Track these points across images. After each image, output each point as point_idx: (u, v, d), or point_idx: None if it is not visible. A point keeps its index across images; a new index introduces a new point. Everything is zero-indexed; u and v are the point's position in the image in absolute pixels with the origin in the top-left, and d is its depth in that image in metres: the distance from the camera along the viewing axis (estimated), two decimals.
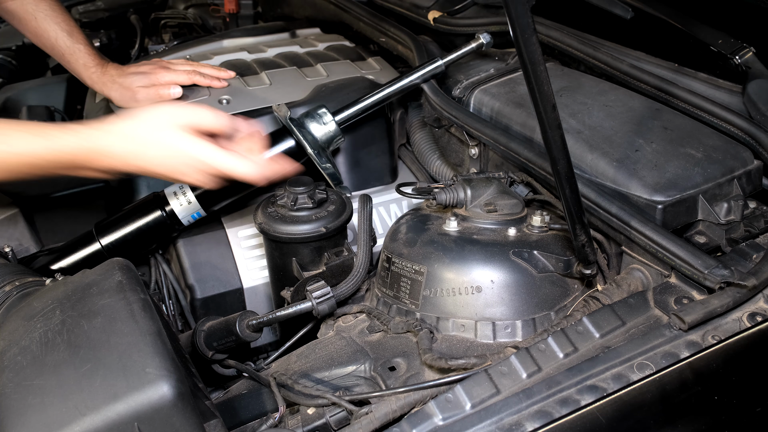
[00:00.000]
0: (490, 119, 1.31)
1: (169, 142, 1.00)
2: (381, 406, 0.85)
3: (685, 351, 0.81)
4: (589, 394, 0.78)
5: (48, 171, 0.99)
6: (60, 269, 1.29)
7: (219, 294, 1.32)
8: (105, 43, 2.25)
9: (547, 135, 0.75)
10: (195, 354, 1.08)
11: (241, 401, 1.02)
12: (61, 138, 0.98)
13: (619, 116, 1.17)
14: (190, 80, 1.48)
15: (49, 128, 0.98)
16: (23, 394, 0.70)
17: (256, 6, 2.56)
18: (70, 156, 0.98)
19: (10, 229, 1.35)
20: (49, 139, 0.97)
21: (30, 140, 0.97)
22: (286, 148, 1.28)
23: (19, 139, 0.96)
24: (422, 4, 1.73)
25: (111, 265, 0.87)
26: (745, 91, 1.17)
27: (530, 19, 0.66)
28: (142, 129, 1.00)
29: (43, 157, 0.97)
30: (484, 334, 0.96)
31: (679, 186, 1.01)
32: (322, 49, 1.77)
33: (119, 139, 1.00)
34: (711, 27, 1.31)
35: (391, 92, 1.34)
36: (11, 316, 0.85)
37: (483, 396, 0.79)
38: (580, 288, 1.02)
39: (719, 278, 0.86)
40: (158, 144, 1.00)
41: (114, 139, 1.00)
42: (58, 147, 0.97)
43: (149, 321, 0.77)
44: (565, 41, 1.38)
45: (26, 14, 1.47)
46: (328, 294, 1.03)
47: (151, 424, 0.69)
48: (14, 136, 0.96)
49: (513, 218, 1.06)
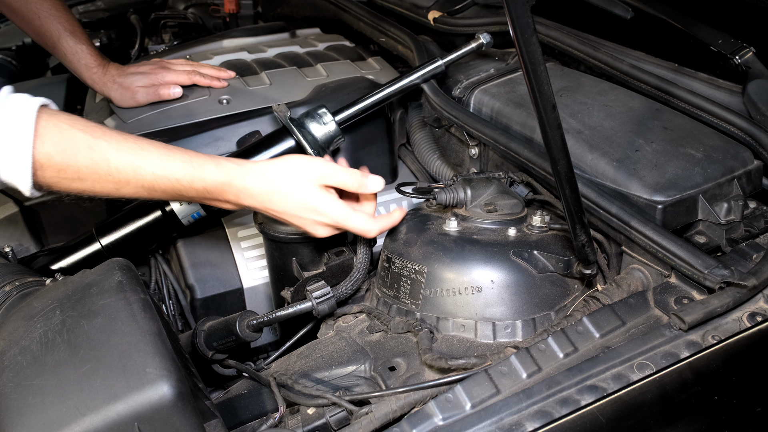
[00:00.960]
0: (490, 119, 1.31)
1: (304, 195, 1.02)
2: (381, 406, 0.85)
3: (685, 351, 0.81)
4: (589, 394, 0.78)
5: (179, 195, 1.00)
6: (60, 269, 1.29)
7: (219, 294, 1.32)
8: (105, 43, 2.25)
9: (547, 135, 0.75)
10: (195, 354, 1.08)
11: (241, 401, 1.02)
12: (204, 167, 0.98)
13: (619, 116, 1.17)
14: (190, 80, 1.48)
15: (192, 155, 0.99)
16: (23, 394, 0.70)
17: (256, 6, 2.56)
18: (208, 185, 0.99)
19: (10, 229, 1.35)
20: (192, 166, 0.97)
21: (172, 163, 0.96)
22: (286, 148, 1.28)
23: (162, 160, 0.96)
24: (422, 4, 1.73)
25: (111, 265, 0.87)
26: (745, 91, 1.17)
27: (530, 19, 0.66)
28: (281, 176, 1.01)
29: (179, 181, 0.97)
30: (484, 334, 0.96)
31: (679, 186, 1.01)
32: (322, 49, 1.77)
33: (258, 180, 1.01)
34: (711, 27, 1.31)
35: (391, 92, 1.34)
36: (11, 316, 0.85)
37: (483, 396, 0.79)
38: (580, 288, 1.02)
39: (719, 278, 0.86)
40: (293, 194, 1.01)
41: (254, 179, 1.01)
42: (199, 175, 0.97)
43: (149, 321, 0.77)
44: (565, 41, 1.38)
45: (30, 13, 1.47)
46: (328, 294, 1.03)
47: (151, 424, 0.69)
48: (156, 155, 0.96)
49: (513, 218, 1.06)
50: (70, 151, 0.90)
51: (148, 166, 0.95)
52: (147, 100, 1.46)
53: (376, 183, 1.08)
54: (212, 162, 1.00)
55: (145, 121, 1.41)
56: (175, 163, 0.97)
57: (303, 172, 1.02)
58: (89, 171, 0.92)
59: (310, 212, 1.03)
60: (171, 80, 1.46)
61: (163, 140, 1.35)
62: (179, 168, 0.97)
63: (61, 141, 0.90)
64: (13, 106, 0.90)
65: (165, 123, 1.39)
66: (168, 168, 0.96)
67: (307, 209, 1.03)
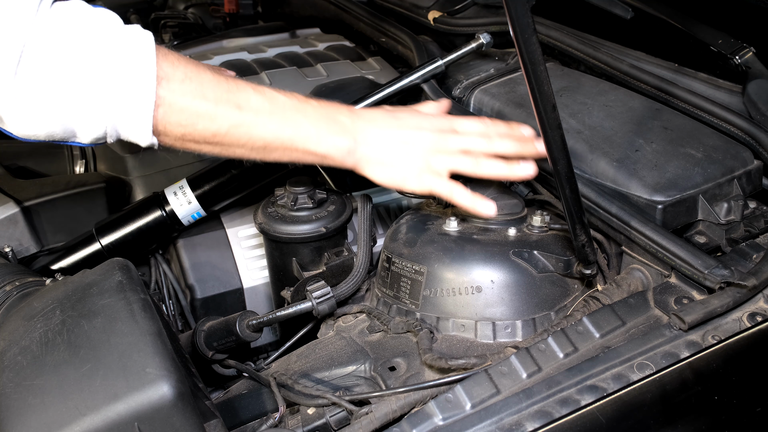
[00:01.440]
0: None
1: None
2: (381, 406, 0.85)
3: (685, 351, 0.81)
4: (589, 394, 0.78)
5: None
6: (60, 269, 1.29)
7: (219, 294, 1.32)
8: None
9: (547, 135, 0.75)
10: (195, 354, 1.08)
11: (241, 401, 1.02)
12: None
13: (619, 116, 1.17)
14: None
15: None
16: (23, 394, 0.70)
17: (256, 6, 2.56)
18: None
19: (10, 229, 1.35)
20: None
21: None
22: None
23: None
24: (422, 4, 1.73)
25: (111, 265, 0.87)
26: (745, 91, 1.17)
27: (530, 19, 0.66)
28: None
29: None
30: (484, 334, 0.96)
31: (679, 186, 1.01)
32: (322, 49, 1.77)
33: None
34: (711, 27, 1.31)
35: (391, 92, 1.34)
36: (11, 316, 0.85)
37: (483, 396, 0.79)
38: (580, 288, 1.02)
39: (719, 278, 0.86)
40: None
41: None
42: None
43: (149, 321, 0.77)
44: (565, 41, 1.38)
45: None
46: (328, 294, 1.03)
47: (151, 424, 0.69)
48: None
49: (513, 218, 1.06)
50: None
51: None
52: None
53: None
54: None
55: None
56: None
57: None
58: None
59: (439, 120, 1.01)
60: None
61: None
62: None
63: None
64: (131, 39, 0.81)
65: None
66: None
67: (425, 118, 1.01)
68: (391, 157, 0.98)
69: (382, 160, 0.99)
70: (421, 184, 0.99)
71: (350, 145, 0.97)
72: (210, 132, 0.87)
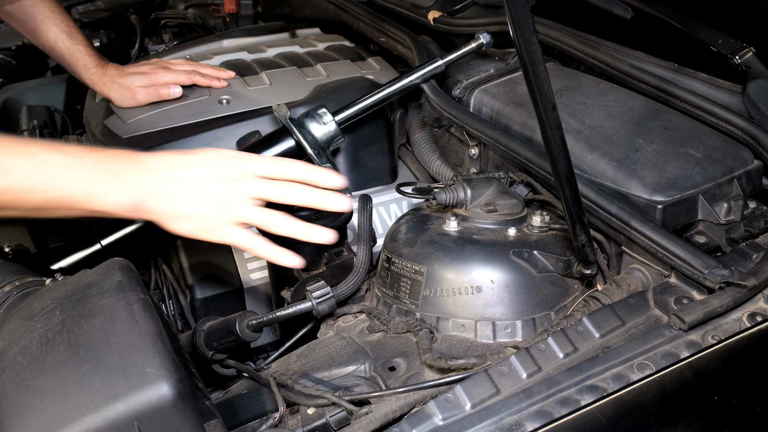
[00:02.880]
0: (490, 119, 1.31)
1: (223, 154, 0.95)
2: (381, 406, 0.85)
3: (685, 351, 0.81)
4: (589, 394, 0.78)
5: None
6: (60, 269, 1.29)
7: (219, 294, 1.32)
8: (105, 43, 2.25)
9: (547, 135, 0.75)
10: (195, 354, 1.08)
11: (241, 401, 1.02)
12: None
13: (619, 116, 1.17)
14: (190, 80, 1.48)
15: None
16: (23, 394, 0.70)
17: (256, 6, 2.56)
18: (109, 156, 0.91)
19: (10, 229, 1.35)
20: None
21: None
22: (286, 148, 1.28)
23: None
24: (422, 4, 1.73)
25: (111, 265, 0.87)
26: (745, 91, 1.17)
27: (530, 19, 0.66)
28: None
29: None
30: (484, 334, 0.96)
31: (679, 186, 1.01)
32: (322, 49, 1.77)
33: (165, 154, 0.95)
34: (711, 27, 1.31)
35: (391, 92, 1.34)
36: (11, 316, 0.85)
37: (483, 396, 0.79)
38: (580, 288, 1.02)
39: (719, 278, 0.86)
40: (211, 154, 0.95)
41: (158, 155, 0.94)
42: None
43: (149, 321, 0.77)
44: (565, 41, 1.38)
45: (25, 16, 1.47)
46: (328, 294, 1.03)
47: (151, 424, 0.69)
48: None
49: (513, 218, 1.06)
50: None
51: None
52: (147, 100, 1.46)
53: (338, 184, 0.97)
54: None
55: (145, 121, 1.41)
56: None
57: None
58: None
59: (230, 166, 0.93)
60: (171, 80, 1.46)
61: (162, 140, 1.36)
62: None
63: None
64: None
65: (165, 123, 1.39)
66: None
67: (226, 161, 0.93)
68: (183, 209, 0.94)
69: (175, 214, 0.94)
70: (221, 236, 0.95)
71: (134, 199, 0.93)
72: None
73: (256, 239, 0.96)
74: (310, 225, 0.96)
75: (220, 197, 0.94)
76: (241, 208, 0.95)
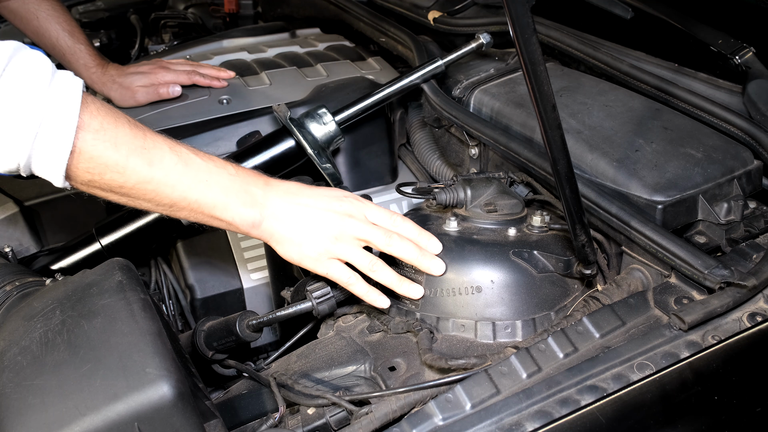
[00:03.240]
0: (490, 119, 1.31)
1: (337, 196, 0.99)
2: (381, 406, 0.85)
3: (685, 351, 0.81)
4: (589, 394, 0.78)
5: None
6: (60, 269, 1.29)
7: (219, 294, 1.32)
8: (105, 43, 2.25)
9: (547, 135, 0.75)
10: (195, 354, 1.08)
11: (241, 401, 1.02)
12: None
13: (619, 116, 1.17)
14: (190, 80, 1.48)
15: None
16: (23, 394, 0.70)
17: (256, 6, 2.56)
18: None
19: (10, 229, 1.35)
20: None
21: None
22: (286, 148, 1.28)
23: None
24: (422, 4, 1.73)
25: (111, 265, 0.87)
26: (745, 91, 1.17)
27: (530, 19, 0.66)
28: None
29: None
30: (484, 334, 0.96)
31: (679, 186, 1.01)
32: (322, 49, 1.77)
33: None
34: (711, 27, 1.31)
35: (391, 92, 1.34)
36: (11, 316, 0.85)
37: (483, 396, 0.79)
38: (580, 288, 1.02)
39: (719, 278, 0.86)
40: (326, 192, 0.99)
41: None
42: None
43: (149, 321, 0.77)
44: (565, 41, 1.38)
45: (28, 13, 1.47)
46: (328, 294, 1.03)
47: (151, 424, 0.69)
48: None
49: (513, 218, 1.06)
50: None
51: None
52: (147, 100, 1.46)
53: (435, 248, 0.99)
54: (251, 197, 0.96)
55: (145, 121, 1.39)
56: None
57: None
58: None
59: (347, 204, 0.98)
60: (171, 80, 1.47)
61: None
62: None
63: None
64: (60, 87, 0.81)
65: (165, 123, 1.39)
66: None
67: (345, 199, 0.98)
68: (295, 235, 0.97)
69: (286, 237, 0.97)
70: (319, 267, 0.98)
71: (256, 218, 0.96)
72: (117, 183, 0.87)
73: (357, 277, 0.98)
74: (406, 280, 0.99)
75: (334, 231, 0.97)
76: (349, 245, 0.97)
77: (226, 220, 0.95)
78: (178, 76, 1.48)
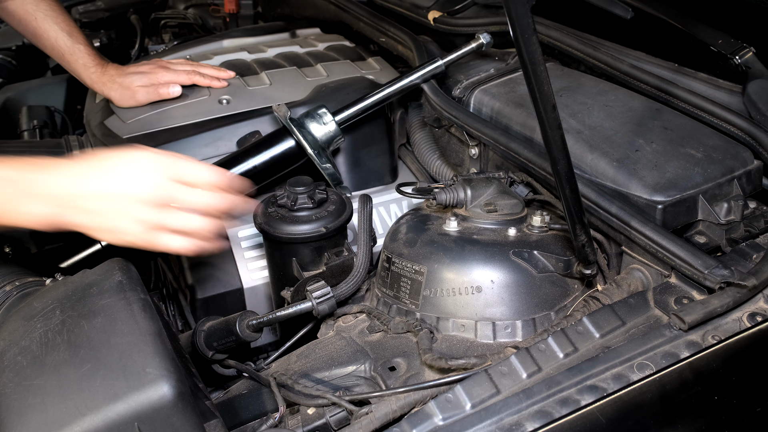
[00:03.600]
0: (490, 119, 1.31)
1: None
2: (381, 406, 0.85)
3: (685, 351, 0.81)
4: (589, 394, 0.78)
5: None
6: (60, 269, 1.29)
7: (219, 294, 1.32)
8: (105, 43, 2.25)
9: (547, 135, 0.75)
10: (195, 354, 1.08)
11: (241, 401, 1.02)
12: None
13: (619, 116, 1.17)
14: (190, 80, 1.48)
15: None
16: (23, 394, 0.70)
17: (256, 6, 2.56)
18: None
19: (10, 230, 1.35)
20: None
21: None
22: (286, 148, 1.28)
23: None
24: (422, 4, 1.73)
25: (111, 265, 0.87)
26: (745, 91, 1.17)
27: (530, 19, 0.66)
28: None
29: None
30: (484, 334, 0.96)
31: (679, 186, 1.01)
32: (322, 49, 1.77)
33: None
34: (711, 27, 1.31)
35: (391, 92, 1.34)
36: (11, 316, 0.85)
37: (483, 396, 0.79)
38: (580, 288, 1.02)
39: (719, 278, 0.86)
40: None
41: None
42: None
43: (149, 321, 0.77)
44: (565, 41, 1.38)
45: (26, 14, 1.47)
46: (328, 294, 1.03)
47: (151, 424, 0.69)
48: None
49: (513, 218, 1.06)
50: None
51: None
52: (147, 100, 1.46)
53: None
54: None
55: (145, 121, 1.42)
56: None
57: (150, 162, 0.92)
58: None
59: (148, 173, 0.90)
60: (171, 80, 1.47)
61: (162, 140, 1.36)
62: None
63: None
64: None
65: (165, 123, 1.39)
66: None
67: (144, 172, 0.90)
68: (102, 224, 0.92)
69: (96, 228, 0.93)
70: (150, 244, 0.94)
71: (51, 212, 0.90)
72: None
73: (183, 240, 0.95)
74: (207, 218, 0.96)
75: (134, 210, 0.92)
76: (158, 215, 0.93)
77: (15, 223, 0.91)
78: (178, 76, 1.48)
